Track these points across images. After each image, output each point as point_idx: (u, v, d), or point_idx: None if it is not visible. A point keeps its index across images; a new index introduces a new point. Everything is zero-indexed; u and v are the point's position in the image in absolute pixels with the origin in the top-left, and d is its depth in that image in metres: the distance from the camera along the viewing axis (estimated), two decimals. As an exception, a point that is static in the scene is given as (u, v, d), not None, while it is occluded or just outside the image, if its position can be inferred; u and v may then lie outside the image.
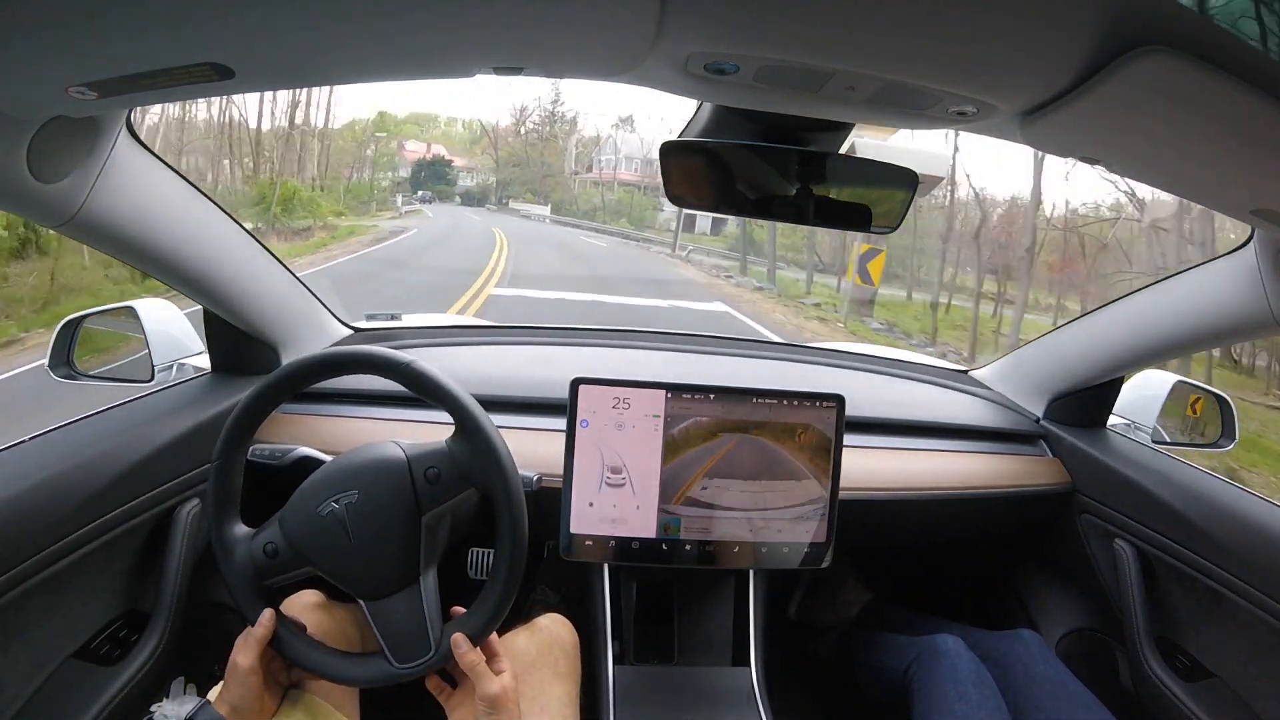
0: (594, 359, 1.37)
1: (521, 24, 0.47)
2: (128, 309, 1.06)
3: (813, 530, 0.97)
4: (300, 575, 0.73)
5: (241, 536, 0.74)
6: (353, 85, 0.59)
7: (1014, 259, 11.37)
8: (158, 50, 0.47)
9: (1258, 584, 0.89)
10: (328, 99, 20.76)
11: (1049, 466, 1.22)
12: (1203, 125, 0.51)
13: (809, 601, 1.44)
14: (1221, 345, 1.40)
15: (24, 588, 0.71)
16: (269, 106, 19.64)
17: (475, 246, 15.35)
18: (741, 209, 0.85)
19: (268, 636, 0.70)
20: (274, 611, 0.71)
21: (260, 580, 0.73)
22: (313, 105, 19.99)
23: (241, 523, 0.75)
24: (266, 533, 0.73)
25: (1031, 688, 0.97)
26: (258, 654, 0.69)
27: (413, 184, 33.21)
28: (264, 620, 0.70)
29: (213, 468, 0.74)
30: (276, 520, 0.74)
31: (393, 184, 31.34)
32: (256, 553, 0.72)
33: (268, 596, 0.73)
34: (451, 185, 35.69)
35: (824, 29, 0.46)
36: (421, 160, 34.73)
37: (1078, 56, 0.45)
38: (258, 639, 0.69)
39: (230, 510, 0.75)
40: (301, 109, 19.43)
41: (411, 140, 35.52)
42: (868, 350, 1.54)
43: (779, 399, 0.96)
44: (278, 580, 0.73)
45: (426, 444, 0.75)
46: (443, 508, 0.73)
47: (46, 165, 0.63)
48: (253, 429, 0.76)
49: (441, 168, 35.52)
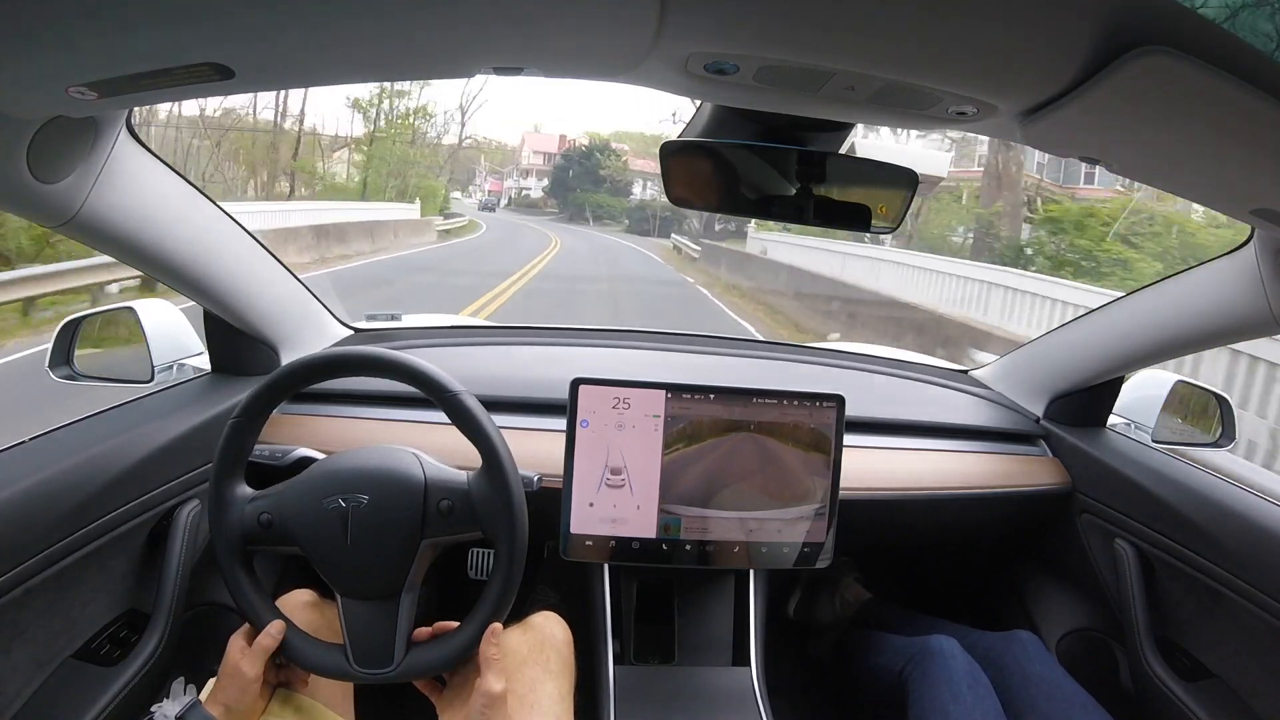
0: (594, 359, 1.37)
1: (521, 24, 0.47)
2: (128, 309, 1.06)
3: (812, 530, 0.97)
4: (285, 552, 0.74)
5: (239, 497, 0.74)
6: (352, 86, 0.59)
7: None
8: (158, 50, 0.47)
9: (1258, 584, 0.89)
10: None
11: (1049, 466, 1.22)
12: (1203, 125, 0.50)
13: (808, 601, 1.44)
14: (1221, 345, 1.40)
15: (24, 588, 0.71)
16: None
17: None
18: (742, 209, 0.85)
19: (274, 648, 0.70)
20: (284, 623, 0.71)
21: (245, 544, 0.73)
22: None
23: (245, 484, 0.75)
24: (264, 503, 0.73)
25: (1027, 689, 0.97)
26: (264, 663, 0.69)
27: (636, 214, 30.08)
28: (273, 632, 0.70)
29: (231, 423, 0.74)
30: (277, 494, 0.74)
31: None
32: (250, 519, 0.73)
33: (248, 562, 0.74)
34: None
35: (824, 29, 0.46)
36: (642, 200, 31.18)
37: (1078, 56, 0.45)
38: (265, 649, 0.69)
39: (235, 469, 0.75)
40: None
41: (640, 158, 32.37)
42: (868, 350, 1.54)
43: (779, 399, 0.96)
44: (261, 550, 0.74)
45: (447, 472, 0.74)
46: (444, 539, 0.73)
47: (46, 165, 0.63)
48: (281, 399, 0.76)
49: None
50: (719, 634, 1.05)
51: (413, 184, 19.90)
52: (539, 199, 37.91)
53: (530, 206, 37.28)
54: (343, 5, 0.43)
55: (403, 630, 0.71)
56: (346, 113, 19.66)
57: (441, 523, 0.72)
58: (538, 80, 0.59)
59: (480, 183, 38.74)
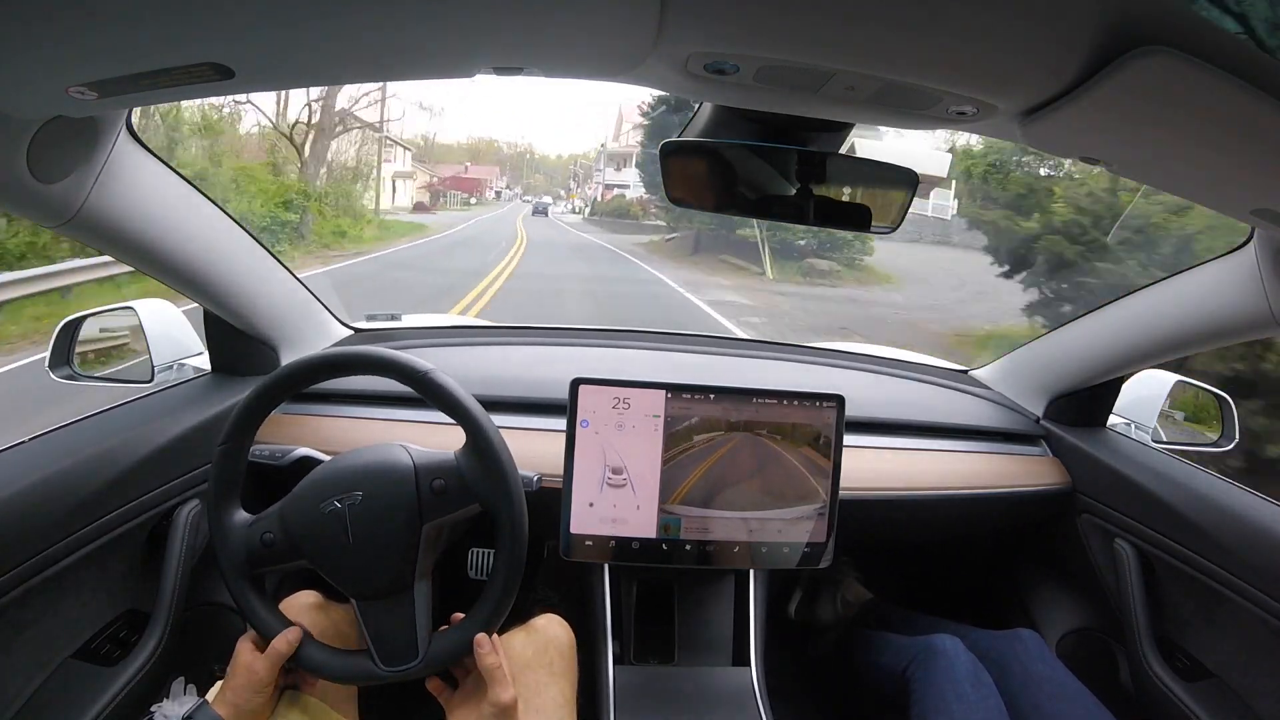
0: (594, 359, 1.37)
1: (522, 24, 0.47)
2: (128, 309, 1.06)
3: (812, 530, 0.97)
4: (293, 567, 0.74)
5: (240, 523, 0.74)
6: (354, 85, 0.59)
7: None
8: (158, 50, 0.47)
9: (1258, 584, 0.89)
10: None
11: (1049, 466, 1.22)
12: (1203, 125, 0.51)
13: (809, 601, 1.44)
14: (1221, 345, 1.40)
15: (24, 587, 0.72)
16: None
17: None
18: (741, 209, 0.85)
19: (289, 654, 0.70)
20: (300, 629, 0.71)
21: (253, 568, 0.73)
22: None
23: (242, 509, 0.75)
24: (265, 522, 0.73)
25: (1030, 688, 0.97)
26: (278, 668, 0.69)
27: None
28: (290, 638, 0.70)
29: (220, 449, 0.74)
30: (277, 511, 0.74)
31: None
32: (253, 541, 0.73)
33: (258, 584, 0.73)
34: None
35: (824, 29, 0.46)
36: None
37: (1078, 56, 0.45)
38: (281, 655, 0.69)
39: (231, 495, 0.75)
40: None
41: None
42: (868, 350, 1.54)
43: (779, 399, 0.96)
44: (270, 570, 0.74)
45: (435, 454, 0.74)
46: (444, 519, 0.73)
47: (46, 165, 0.63)
48: (265, 414, 0.76)
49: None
50: (719, 634, 1.05)
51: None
52: (632, 202, 22.77)
53: (620, 215, 22.42)
54: (342, 5, 0.44)
55: (422, 622, 0.71)
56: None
57: (438, 503, 0.72)
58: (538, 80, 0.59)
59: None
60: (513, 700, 0.70)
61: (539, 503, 0.82)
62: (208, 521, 0.74)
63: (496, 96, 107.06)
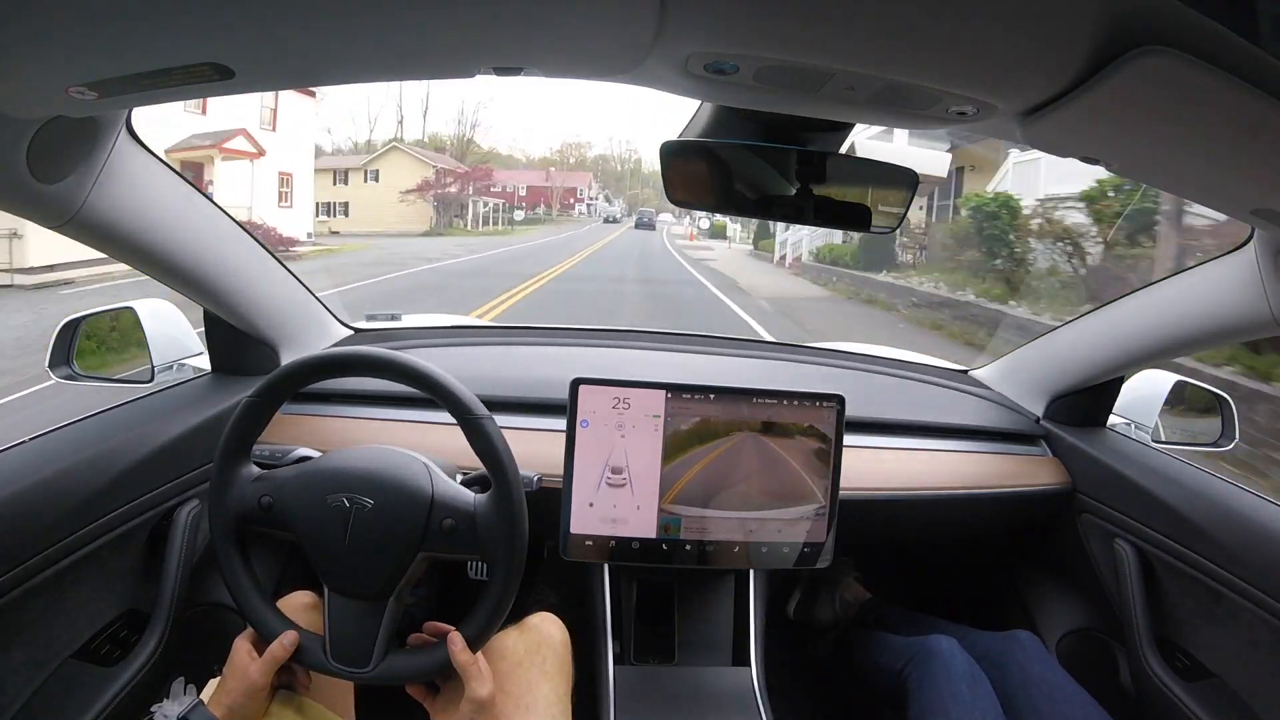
0: (594, 359, 1.37)
1: (521, 24, 0.47)
2: (128, 309, 1.06)
3: (812, 530, 0.96)
4: (280, 537, 0.74)
5: (243, 476, 0.74)
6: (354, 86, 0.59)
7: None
8: (158, 50, 0.47)
9: (1258, 584, 0.89)
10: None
11: (1049, 466, 1.22)
12: (1203, 125, 0.51)
13: (808, 601, 1.44)
14: (1221, 345, 1.40)
15: (24, 588, 0.72)
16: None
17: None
18: (742, 209, 0.85)
19: (285, 659, 0.70)
20: (297, 635, 0.71)
21: (241, 524, 0.73)
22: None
23: (251, 464, 0.75)
24: (267, 484, 0.73)
25: (1027, 689, 0.97)
26: (274, 671, 0.69)
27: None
28: (286, 643, 0.70)
29: (246, 400, 0.74)
30: (282, 479, 0.74)
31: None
32: (250, 499, 0.73)
33: (240, 541, 0.74)
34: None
35: (824, 29, 0.46)
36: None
37: (1078, 56, 0.45)
38: (277, 659, 0.69)
39: (243, 447, 0.75)
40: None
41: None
42: (868, 350, 1.54)
43: (779, 399, 0.96)
44: (256, 531, 0.74)
45: (456, 491, 0.74)
46: (441, 556, 0.73)
47: (46, 165, 0.63)
48: (298, 387, 0.76)
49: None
50: (719, 634, 1.05)
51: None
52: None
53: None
54: (343, 5, 0.44)
55: (384, 634, 0.72)
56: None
57: (442, 540, 0.72)
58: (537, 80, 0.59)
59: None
60: (491, 695, 0.70)
61: (539, 503, 0.82)
62: (213, 468, 0.74)
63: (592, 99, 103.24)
